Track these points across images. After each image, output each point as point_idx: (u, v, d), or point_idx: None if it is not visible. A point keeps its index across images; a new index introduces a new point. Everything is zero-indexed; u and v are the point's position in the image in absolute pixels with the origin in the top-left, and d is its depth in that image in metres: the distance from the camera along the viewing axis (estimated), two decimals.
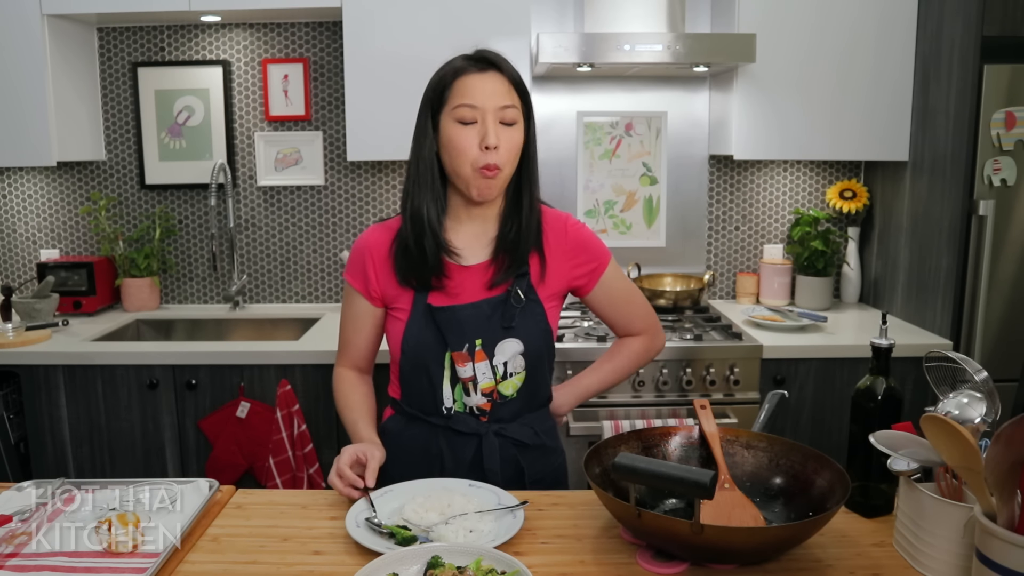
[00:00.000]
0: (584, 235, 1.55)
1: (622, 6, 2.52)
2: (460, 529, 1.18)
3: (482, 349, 1.45)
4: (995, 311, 2.31)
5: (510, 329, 1.45)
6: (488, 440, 1.47)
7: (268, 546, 1.20)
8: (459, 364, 1.45)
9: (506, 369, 1.46)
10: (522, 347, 1.46)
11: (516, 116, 1.40)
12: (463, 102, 1.38)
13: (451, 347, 1.44)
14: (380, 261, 1.49)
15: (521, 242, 1.46)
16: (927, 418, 1.04)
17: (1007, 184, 2.27)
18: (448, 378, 1.47)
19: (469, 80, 1.38)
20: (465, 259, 1.47)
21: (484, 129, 1.37)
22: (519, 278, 1.47)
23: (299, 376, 2.36)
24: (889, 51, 2.54)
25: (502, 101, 1.38)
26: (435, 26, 2.49)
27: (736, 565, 1.11)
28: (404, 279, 1.47)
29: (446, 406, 1.47)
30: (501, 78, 1.39)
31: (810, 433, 2.39)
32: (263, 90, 2.86)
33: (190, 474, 2.37)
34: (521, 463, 1.50)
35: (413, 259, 1.44)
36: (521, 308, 1.46)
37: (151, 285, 2.88)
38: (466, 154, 1.38)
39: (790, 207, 2.95)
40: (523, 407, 1.51)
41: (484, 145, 1.37)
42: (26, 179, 2.93)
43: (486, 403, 1.47)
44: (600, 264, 1.55)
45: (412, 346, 1.46)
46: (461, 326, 1.44)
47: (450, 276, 1.46)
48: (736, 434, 1.34)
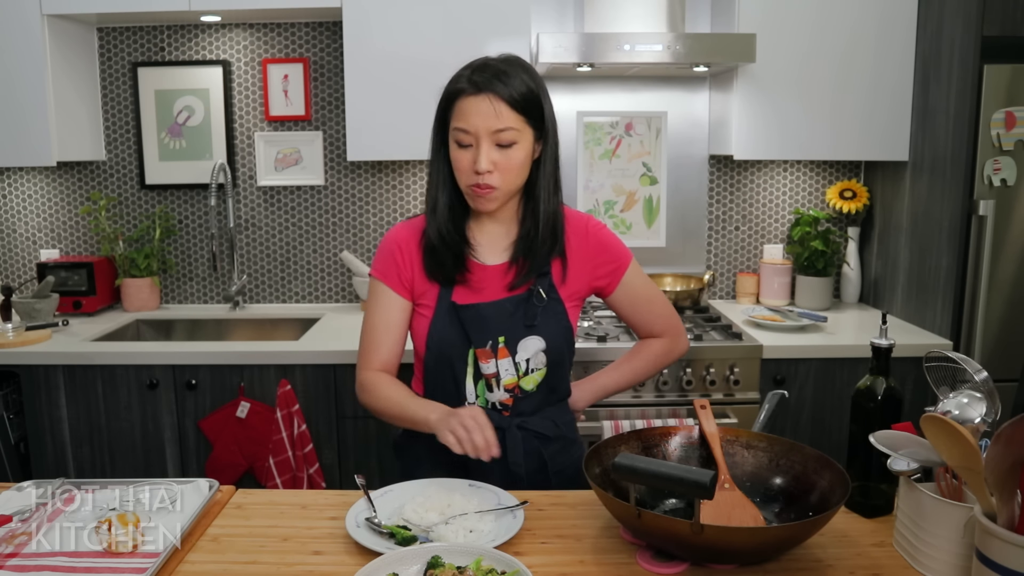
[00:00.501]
0: (605, 236, 1.57)
1: (622, 6, 2.51)
2: (460, 529, 1.18)
3: (505, 346, 1.47)
4: (995, 311, 2.31)
5: (532, 327, 1.47)
6: (511, 433, 1.48)
7: (268, 546, 1.20)
8: (482, 360, 1.47)
9: (528, 365, 1.49)
10: (544, 344, 1.48)
11: (515, 137, 1.39)
12: (458, 126, 1.40)
13: (475, 344, 1.47)
14: (410, 254, 1.51)
15: (537, 248, 1.47)
16: (927, 418, 1.04)
17: (1007, 184, 2.27)
18: (471, 374, 1.49)
19: (465, 103, 1.39)
20: (487, 258, 1.50)
21: (476, 153, 1.39)
22: (541, 277, 1.49)
23: (299, 376, 2.36)
24: (889, 51, 2.54)
25: (495, 125, 1.37)
26: (435, 26, 2.49)
27: (736, 565, 1.11)
28: (431, 273, 1.49)
29: (469, 401, 1.49)
30: (496, 101, 1.37)
31: (810, 433, 2.39)
32: (263, 90, 2.86)
33: (190, 474, 2.37)
34: (544, 455, 1.51)
35: (439, 256, 1.47)
36: (543, 307, 1.48)
37: (151, 285, 2.88)
38: (462, 174, 1.43)
39: (790, 207, 2.95)
40: (543, 401, 1.53)
41: (475, 170, 1.39)
42: (26, 179, 2.93)
43: (508, 398, 1.49)
44: (621, 264, 1.56)
45: (436, 342, 1.48)
46: (485, 323, 1.46)
47: (473, 272, 1.49)
48: (736, 434, 1.34)
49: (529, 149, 1.43)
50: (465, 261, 1.48)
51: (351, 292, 2.99)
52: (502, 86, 1.38)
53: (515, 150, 1.40)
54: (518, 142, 1.40)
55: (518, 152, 1.40)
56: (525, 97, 1.39)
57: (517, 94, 1.38)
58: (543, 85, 1.44)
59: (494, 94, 1.37)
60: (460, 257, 1.48)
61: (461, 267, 1.48)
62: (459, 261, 1.48)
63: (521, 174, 1.43)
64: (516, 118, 1.39)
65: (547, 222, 1.47)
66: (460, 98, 1.39)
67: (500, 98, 1.37)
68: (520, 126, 1.40)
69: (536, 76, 1.43)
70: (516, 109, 1.38)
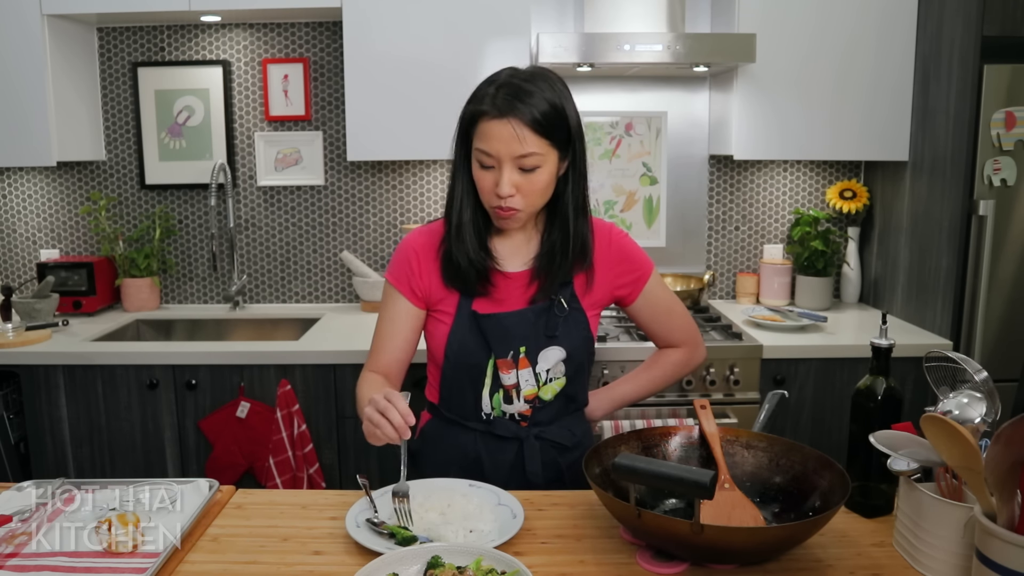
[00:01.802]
0: (627, 245, 1.55)
1: (622, 6, 2.51)
2: (460, 529, 1.18)
3: (525, 356, 1.46)
4: (995, 311, 2.31)
5: (554, 338, 1.46)
6: (529, 444, 1.48)
7: (268, 546, 1.20)
8: (503, 371, 1.46)
9: (548, 375, 1.48)
10: (564, 355, 1.47)
11: (538, 161, 1.36)
12: (480, 147, 1.37)
13: (496, 354, 1.45)
14: (427, 262, 1.49)
15: (559, 264, 1.45)
16: (927, 418, 1.04)
17: (1007, 184, 2.27)
18: (488, 386, 1.47)
19: (487, 126, 1.35)
20: (510, 267, 1.48)
21: (499, 176, 1.36)
22: (563, 287, 1.47)
23: (299, 376, 2.35)
24: (889, 51, 2.54)
25: (518, 151, 1.34)
26: (435, 26, 2.49)
27: (736, 565, 1.11)
28: (452, 284, 1.47)
29: (485, 412, 1.49)
30: (520, 126, 1.33)
31: (810, 433, 2.39)
32: (263, 90, 2.86)
33: (190, 474, 2.37)
34: (561, 465, 1.51)
35: (459, 267, 1.45)
36: (564, 317, 1.46)
37: (151, 285, 2.88)
38: (485, 194, 1.41)
39: (790, 207, 2.95)
40: (562, 410, 1.52)
41: (496, 193, 1.37)
42: (26, 179, 2.93)
43: (527, 409, 1.48)
44: (643, 274, 1.55)
45: (456, 351, 1.46)
46: (506, 333, 1.45)
47: (495, 284, 1.47)
48: (736, 434, 1.34)
49: (554, 170, 1.40)
50: (489, 276, 1.46)
51: (351, 292, 2.99)
52: (525, 108, 1.33)
53: (539, 173, 1.37)
54: (542, 166, 1.37)
55: (542, 175, 1.38)
56: (548, 117, 1.35)
57: (540, 115, 1.34)
58: (568, 95, 1.40)
59: (517, 119, 1.33)
60: (484, 273, 1.45)
61: (484, 281, 1.46)
62: (483, 277, 1.46)
63: (545, 195, 1.41)
64: (540, 142, 1.35)
65: (576, 242, 1.45)
66: (482, 120, 1.36)
67: (523, 123, 1.33)
68: (544, 150, 1.36)
69: (560, 88, 1.39)
70: (539, 133, 1.34)
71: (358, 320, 2.73)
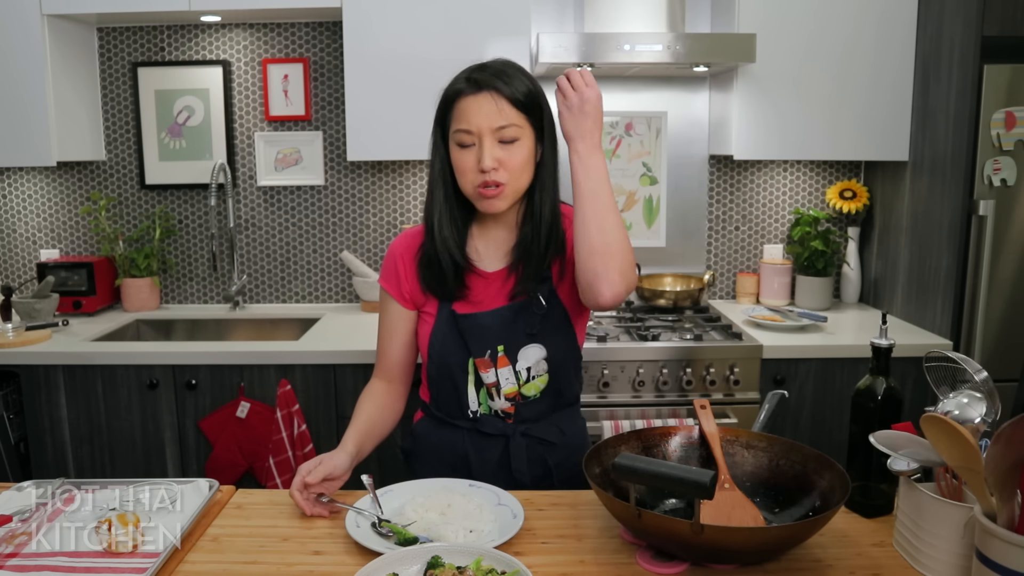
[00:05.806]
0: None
1: (622, 6, 2.52)
2: (460, 529, 1.18)
3: (504, 355, 1.46)
4: (995, 311, 2.31)
5: (533, 336, 1.46)
6: (515, 441, 1.48)
7: (268, 546, 1.20)
8: (482, 370, 1.47)
9: (529, 373, 1.48)
10: (545, 352, 1.47)
11: (517, 134, 1.38)
12: (459, 127, 1.38)
13: (473, 354, 1.46)
14: (410, 265, 1.51)
15: (535, 252, 1.45)
16: (927, 418, 1.04)
17: (1007, 184, 2.27)
18: (472, 383, 1.48)
19: (464, 103, 1.38)
20: (488, 264, 1.49)
21: (480, 152, 1.37)
22: (540, 283, 1.47)
23: (299, 376, 2.35)
24: (889, 51, 2.54)
25: (498, 122, 1.36)
26: (435, 26, 2.49)
27: (736, 565, 1.11)
28: (429, 288, 1.48)
29: (471, 409, 1.49)
30: (497, 97, 1.36)
31: (810, 433, 2.39)
32: (263, 90, 2.86)
33: (190, 474, 2.37)
34: (549, 463, 1.51)
35: (435, 272, 1.46)
36: (543, 314, 1.46)
37: (151, 285, 2.88)
38: (467, 175, 1.40)
39: (790, 207, 2.95)
40: (551, 406, 1.52)
41: (480, 168, 1.37)
42: (26, 179, 2.93)
43: (510, 407, 1.49)
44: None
45: (437, 351, 1.48)
46: (483, 332, 1.45)
47: (471, 286, 1.47)
48: (736, 434, 1.34)
49: (531, 148, 1.41)
50: (464, 278, 1.46)
51: (351, 292, 2.99)
52: (503, 84, 1.37)
53: (518, 147, 1.39)
54: (520, 139, 1.38)
55: (521, 149, 1.39)
56: (526, 96, 1.39)
57: (519, 92, 1.38)
58: (542, 90, 1.44)
59: (495, 91, 1.37)
60: (460, 274, 1.46)
61: (461, 284, 1.46)
62: (459, 278, 1.46)
63: (526, 171, 1.41)
64: (518, 115, 1.38)
65: (546, 226, 1.45)
66: (460, 99, 1.39)
67: (501, 95, 1.37)
68: (522, 123, 1.38)
69: (535, 81, 1.43)
70: (517, 107, 1.37)
71: (358, 320, 2.73)
